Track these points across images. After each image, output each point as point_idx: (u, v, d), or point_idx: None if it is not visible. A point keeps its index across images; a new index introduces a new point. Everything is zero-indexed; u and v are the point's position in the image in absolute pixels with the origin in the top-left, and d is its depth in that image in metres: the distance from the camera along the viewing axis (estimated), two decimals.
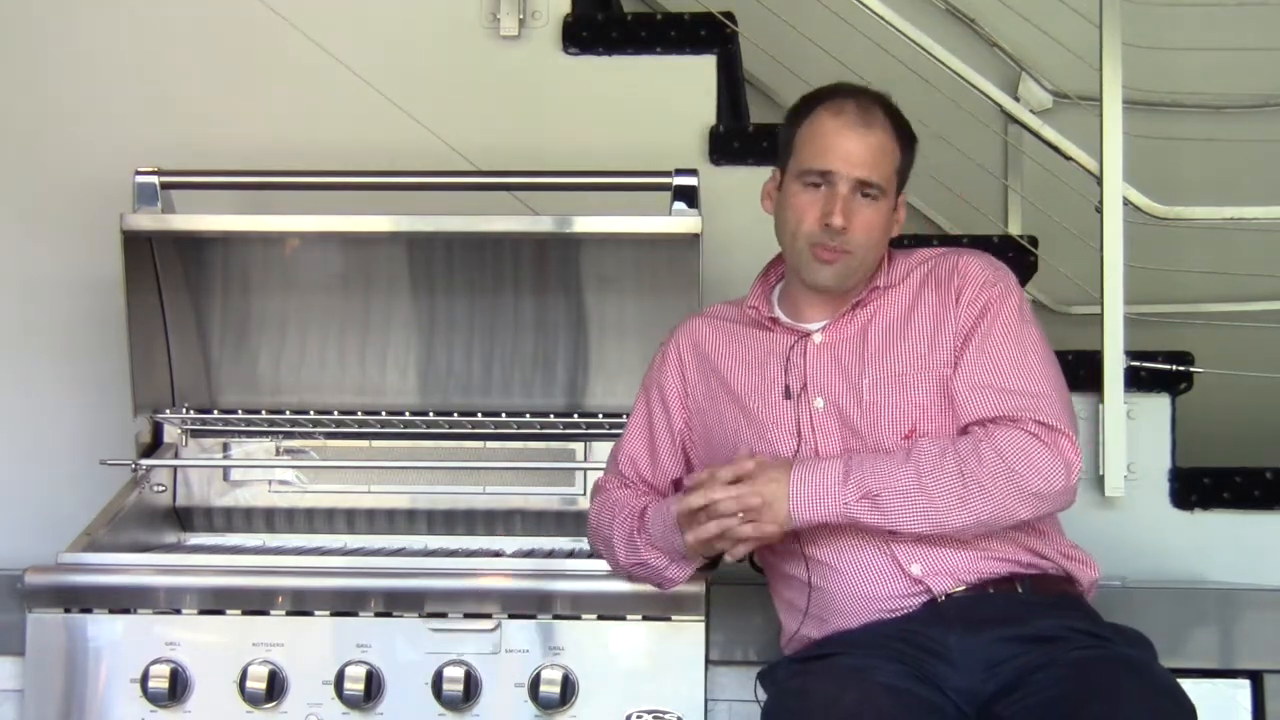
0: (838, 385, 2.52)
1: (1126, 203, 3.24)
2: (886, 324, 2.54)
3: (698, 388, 2.65)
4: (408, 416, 3.15)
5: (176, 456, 3.18)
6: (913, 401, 2.48)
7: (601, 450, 3.03)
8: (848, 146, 2.48)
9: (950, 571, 2.43)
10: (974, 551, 2.44)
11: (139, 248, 3.08)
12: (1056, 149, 3.37)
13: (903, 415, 2.48)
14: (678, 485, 2.60)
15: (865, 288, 2.55)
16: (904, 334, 2.53)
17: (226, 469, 3.20)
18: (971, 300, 2.51)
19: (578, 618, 2.67)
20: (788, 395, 2.53)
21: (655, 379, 2.70)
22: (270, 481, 3.20)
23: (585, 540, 2.82)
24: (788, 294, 2.62)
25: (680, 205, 2.97)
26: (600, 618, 2.67)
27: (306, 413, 3.17)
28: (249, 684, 2.67)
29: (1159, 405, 3.21)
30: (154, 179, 3.05)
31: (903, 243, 3.13)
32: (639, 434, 2.69)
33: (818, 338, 2.56)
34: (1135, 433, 3.17)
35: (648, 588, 2.63)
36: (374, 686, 2.66)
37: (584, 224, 3.04)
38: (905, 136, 2.55)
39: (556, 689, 2.64)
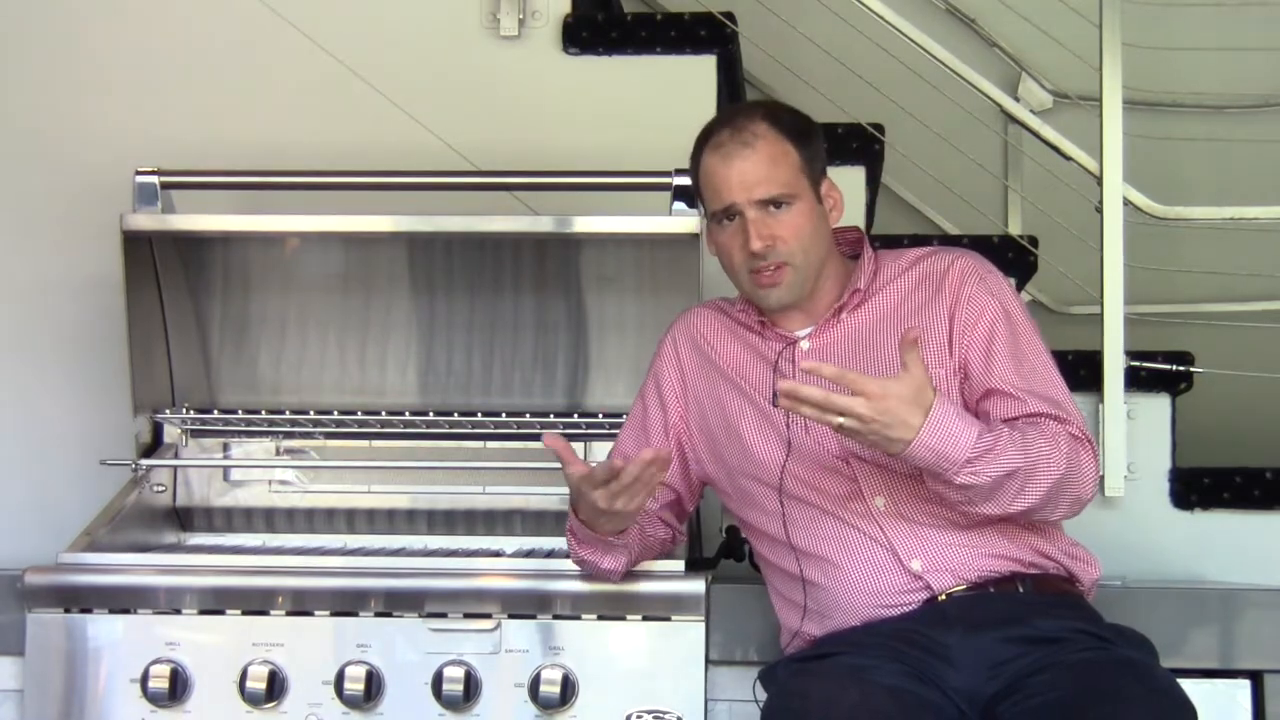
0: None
1: (1126, 203, 3.24)
2: (874, 326, 2.54)
3: (696, 379, 2.64)
4: (408, 416, 3.15)
5: (176, 456, 3.18)
6: None
7: (601, 450, 3.02)
8: (737, 175, 2.47)
9: (951, 569, 2.43)
10: (976, 549, 2.43)
11: (139, 248, 3.08)
12: (1056, 149, 3.37)
13: None
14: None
15: (846, 291, 2.55)
16: (892, 335, 2.50)
17: (226, 469, 3.20)
18: (971, 296, 2.50)
19: (578, 618, 2.67)
20: (775, 402, 2.52)
21: (652, 374, 2.69)
22: (270, 481, 3.20)
23: None
24: None
25: (680, 205, 2.97)
26: (600, 618, 2.67)
27: (306, 413, 3.16)
28: (249, 684, 2.67)
29: (1159, 405, 3.21)
30: (154, 179, 3.06)
31: (902, 242, 3.14)
32: (633, 431, 2.68)
33: (805, 344, 2.55)
34: (1135, 433, 3.17)
35: (648, 587, 2.64)
36: (374, 686, 2.66)
37: (584, 224, 3.04)
38: (798, 132, 2.52)
39: (556, 689, 2.64)
